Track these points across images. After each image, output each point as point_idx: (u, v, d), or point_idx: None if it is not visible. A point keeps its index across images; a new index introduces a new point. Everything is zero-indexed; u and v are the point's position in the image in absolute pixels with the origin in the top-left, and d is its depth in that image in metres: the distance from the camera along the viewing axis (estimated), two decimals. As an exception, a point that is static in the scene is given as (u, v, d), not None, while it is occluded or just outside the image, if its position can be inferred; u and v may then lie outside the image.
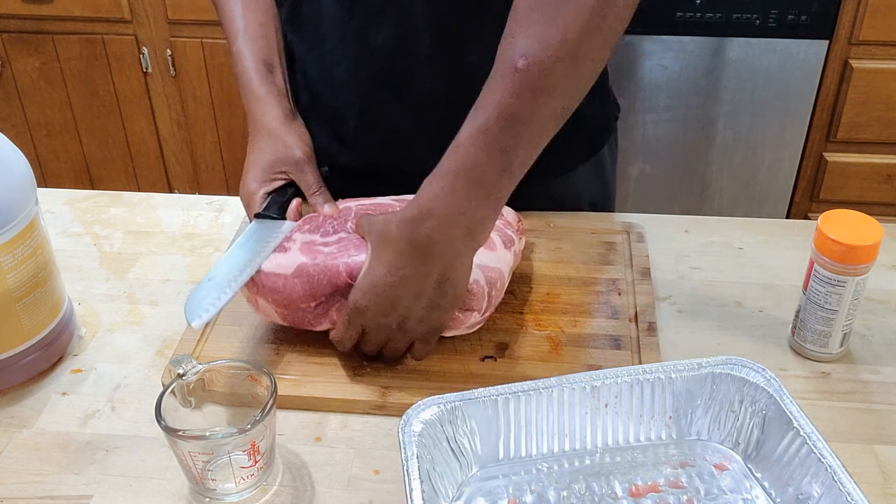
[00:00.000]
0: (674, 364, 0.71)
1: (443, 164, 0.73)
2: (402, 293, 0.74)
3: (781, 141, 2.04)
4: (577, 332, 0.84)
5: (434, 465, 0.66)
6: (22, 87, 2.22)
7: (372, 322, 0.76)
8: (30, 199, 0.76)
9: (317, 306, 0.79)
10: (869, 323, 0.87)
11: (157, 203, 1.08)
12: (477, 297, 0.78)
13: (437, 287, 0.75)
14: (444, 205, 0.72)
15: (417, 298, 0.75)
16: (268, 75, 0.94)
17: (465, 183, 0.72)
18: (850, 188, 2.08)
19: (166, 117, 2.24)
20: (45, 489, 0.71)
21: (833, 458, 0.62)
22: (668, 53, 1.95)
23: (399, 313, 0.75)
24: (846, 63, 1.94)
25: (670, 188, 2.13)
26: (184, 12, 2.07)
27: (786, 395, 0.67)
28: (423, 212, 0.73)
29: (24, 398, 0.79)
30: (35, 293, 0.77)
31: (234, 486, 0.69)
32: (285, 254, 0.80)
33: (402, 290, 0.74)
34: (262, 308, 0.81)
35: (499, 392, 0.69)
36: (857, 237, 0.76)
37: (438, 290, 0.75)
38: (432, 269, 0.74)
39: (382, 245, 0.75)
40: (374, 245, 0.77)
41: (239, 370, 0.71)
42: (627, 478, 0.69)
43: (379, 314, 0.76)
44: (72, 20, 2.11)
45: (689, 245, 0.98)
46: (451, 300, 0.76)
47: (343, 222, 0.83)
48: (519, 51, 0.70)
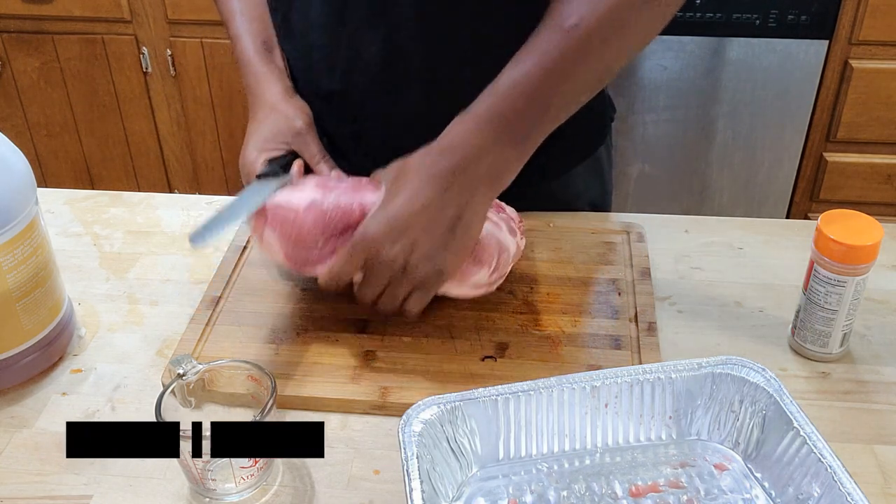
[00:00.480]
0: (674, 364, 0.71)
1: (475, 106, 0.74)
2: (414, 223, 0.73)
3: (781, 141, 2.04)
4: (577, 332, 0.84)
5: (434, 465, 0.66)
6: (22, 87, 2.22)
7: (377, 254, 0.74)
8: (30, 199, 0.76)
9: (324, 244, 0.78)
10: (869, 323, 0.87)
11: (157, 203, 1.08)
12: (488, 250, 0.78)
13: (451, 226, 0.74)
14: (471, 144, 0.73)
15: (429, 232, 0.74)
16: (267, 54, 0.94)
17: (496, 126, 0.73)
18: (850, 188, 2.08)
19: (166, 117, 2.24)
20: (45, 489, 0.71)
21: (833, 458, 0.62)
22: (668, 53, 1.95)
23: (407, 244, 0.74)
24: (846, 63, 1.94)
25: (670, 188, 2.13)
26: (184, 12, 2.07)
27: (786, 395, 0.67)
28: (449, 147, 0.73)
29: (24, 398, 0.79)
30: (35, 293, 0.77)
31: (234, 486, 0.69)
32: (299, 190, 0.80)
33: (415, 220, 0.73)
34: (266, 243, 0.79)
35: (499, 392, 0.69)
36: (857, 237, 0.76)
37: (451, 230, 0.74)
38: (449, 204, 0.73)
39: (401, 177, 0.75)
40: (391, 180, 0.76)
41: (239, 370, 0.71)
42: (627, 478, 0.69)
43: (387, 243, 0.74)
44: (72, 20, 2.11)
45: (689, 245, 0.98)
46: (462, 243, 0.75)
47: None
48: (570, 10, 0.71)
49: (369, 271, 0.76)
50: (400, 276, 0.76)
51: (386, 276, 0.76)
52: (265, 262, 0.94)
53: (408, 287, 0.77)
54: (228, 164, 2.29)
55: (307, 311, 0.87)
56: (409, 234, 0.74)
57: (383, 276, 0.76)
